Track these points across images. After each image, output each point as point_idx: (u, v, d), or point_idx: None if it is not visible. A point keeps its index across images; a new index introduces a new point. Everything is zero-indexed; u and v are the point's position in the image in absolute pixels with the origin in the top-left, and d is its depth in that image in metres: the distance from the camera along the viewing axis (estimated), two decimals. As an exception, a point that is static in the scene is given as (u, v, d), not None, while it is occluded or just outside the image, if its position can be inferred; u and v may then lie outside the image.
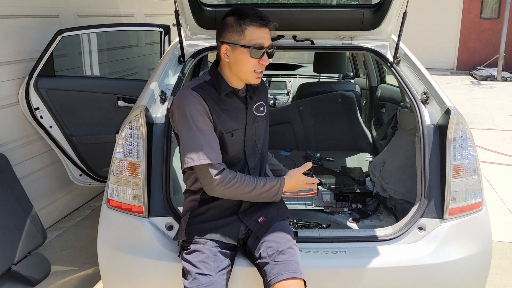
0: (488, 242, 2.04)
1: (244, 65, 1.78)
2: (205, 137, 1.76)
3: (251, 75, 1.81)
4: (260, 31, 1.76)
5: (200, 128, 1.76)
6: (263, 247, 1.83)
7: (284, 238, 1.85)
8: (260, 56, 1.77)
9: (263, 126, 2.01)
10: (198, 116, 1.77)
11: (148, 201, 2.02)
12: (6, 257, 2.76)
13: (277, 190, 1.87)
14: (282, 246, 1.81)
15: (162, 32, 3.52)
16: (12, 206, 2.91)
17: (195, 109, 1.76)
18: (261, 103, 1.99)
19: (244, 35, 1.75)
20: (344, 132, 3.59)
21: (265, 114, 2.01)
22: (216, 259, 1.79)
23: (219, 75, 1.87)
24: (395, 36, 2.60)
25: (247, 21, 1.75)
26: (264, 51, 1.77)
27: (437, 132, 2.09)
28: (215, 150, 1.79)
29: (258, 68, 1.79)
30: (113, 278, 2.11)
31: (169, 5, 5.00)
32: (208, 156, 1.75)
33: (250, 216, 1.91)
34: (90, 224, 3.78)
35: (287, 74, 5.41)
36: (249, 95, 1.93)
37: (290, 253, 1.79)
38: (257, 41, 1.75)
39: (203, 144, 1.75)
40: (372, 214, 2.61)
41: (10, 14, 3.24)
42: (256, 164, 1.98)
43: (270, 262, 1.77)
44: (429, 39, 13.57)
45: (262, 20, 1.75)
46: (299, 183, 1.92)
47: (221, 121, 1.83)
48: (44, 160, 3.64)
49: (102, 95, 3.41)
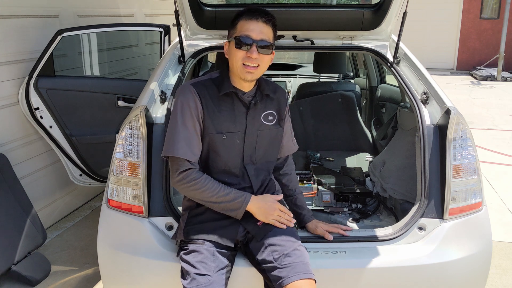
0: (488, 242, 2.04)
1: (233, 57, 1.81)
2: (185, 133, 1.80)
3: (241, 69, 1.80)
4: (249, 23, 1.78)
5: (185, 123, 1.80)
6: (268, 251, 1.81)
7: (289, 240, 1.83)
8: (248, 48, 1.77)
9: (268, 137, 1.95)
10: (187, 112, 1.80)
11: (148, 201, 2.02)
12: (6, 257, 2.76)
13: (240, 204, 1.81)
14: (287, 249, 1.79)
15: (162, 32, 3.52)
16: (12, 206, 2.91)
17: (187, 104, 1.81)
18: (271, 112, 1.94)
19: (235, 28, 1.81)
20: (344, 132, 3.58)
21: (274, 124, 1.96)
22: (215, 259, 1.78)
23: (226, 75, 1.89)
24: (395, 36, 2.60)
25: (239, 15, 1.81)
26: (252, 44, 1.76)
27: (437, 132, 2.09)
28: (191, 148, 1.80)
29: (246, 61, 1.78)
30: (113, 278, 2.11)
31: (169, 5, 5.00)
32: (180, 151, 1.78)
33: (249, 219, 1.89)
34: (90, 224, 3.78)
35: (287, 74, 5.40)
36: (254, 101, 1.89)
37: (297, 255, 1.78)
38: (243, 32, 1.78)
39: (180, 139, 1.79)
40: (372, 214, 2.60)
41: (10, 14, 3.24)
42: (255, 173, 1.94)
43: (277, 266, 1.76)
44: (429, 39, 13.57)
45: (252, 13, 1.78)
46: (267, 204, 1.84)
47: (215, 121, 1.83)
48: (44, 160, 3.64)
49: (102, 95, 3.41)
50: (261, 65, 1.81)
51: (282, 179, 2.14)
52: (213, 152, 1.87)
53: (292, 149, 2.15)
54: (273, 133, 1.97)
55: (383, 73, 4.41)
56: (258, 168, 1.95)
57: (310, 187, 2.70)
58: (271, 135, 1.96)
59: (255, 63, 1.78)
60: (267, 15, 1.81)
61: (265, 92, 1.92)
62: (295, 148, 2.17)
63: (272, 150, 2.01)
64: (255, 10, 1.81)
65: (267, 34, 1.81)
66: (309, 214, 2.14)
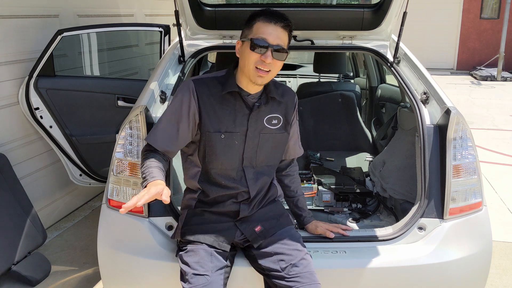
0: (488, 242, 2.04)
1: (246, 59, 1.75)
2: (168, 124, 1.82)
3: (253, 72, 1.75)
4: (267, 26, 1.73)
5: (172, 115, 1.82)
6: (274, 259, 1.81)
7: (296, 249, 1.83)
8: (263, 52, 1.72)
9: (272, 140, 1.90)
10: (179, 107, 1.81)
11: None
12: (6, 257, 2.76)
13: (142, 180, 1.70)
14: (294, 259, 1.79)
15: (162, 32, 3.52)
16: (12, 206, 2.91)
17: (182, 100, 1.81)
18: (276, 116, 1.90)
19: (252, 29, 1.76)
20: (344, 132, 3.58)
21: (279, 129, 1.91)
22: (213, 259, 1.78)
23: (231, 74, 1.86)
24: (395, 36, 2.60)
25: (257, 16, 1.76)
26: (268, 48, 1.71)
27: (437, 132, 2.09)
28: (167, 140, 1.81)
29: (260, 65, 1.73)
30: (113, 278, 2.11)
31: (169, 5, 4.99)
32: (154, 139, 1.81)
33: (247, 224, 1.88)
34: (90, 224, 3.78)
35: (287, 74, 5.40)
36: (259, 104, 1.85)
37: (303, 265, 1.78)
38: (260, 35, 1.72)
39: (161, 128, 1.82)
40: (372, 214, 2.60)
41: (10, 14, 3.24)
42: (254, 177, 1.89)
43: (285, 276, 1.76)
44: (429, 39, 13.57)
45: (271, 16, 1.74)
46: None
47: (213, 119, 1.81)
48: (44, 160, 3.64)
49: (102, 95, 3.41)
50: (272, 70, 1.76)
51: (285, 180, 2.12)
52: (210, 150, 1.84)
53: (298, 153, 2.12)
54: (276, 138, 1.92)
55: (383, 73, 4.41)
56: (258, 172, 1.91)
57: (310, 187, 2.70)
58: (274, 139, 1.92)
59: (267, 67, 1.74)
60: (286, 20, 1.75)
61: (271, 95, 1.88)
62: (301, 152, 2.13)
63: (275, 154, 1.97)
64: (274, 13, 1.74)
65: (283, 39, 1.75)
66: (309, 215, 2.14)
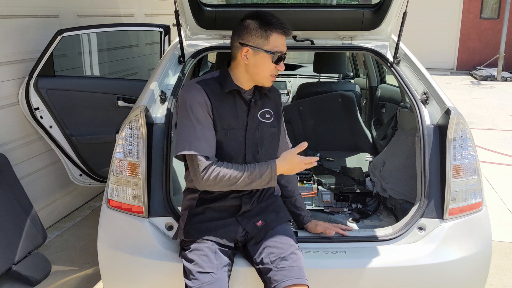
0: (488, 242, 2.04)
1: (264, 69, 1.84)
2: (201, 129, 1.79)
3: (267, 79, 1.87)
4: (283, 39, 1.84)
5: (198, 120, 1.79)
6: (265, 253, 1.82)
7: (287, 243, 1.84)
8: (279, 62, 1.84)
9: (268, 134, 1.97)
10: (198, 109, 1.80)
11: (148, 201, 2.02)
12: (6, 257, 2.76)
13: (269, 176, 1.80)
14: (284, 252, 1.81)
15: (162, 32, 3.52)
16: (12, 206, 2.91)
17: (196, 101, 1.80)
18: (267, 110, 1.98)
19: (268, 40, 1.81)
20: (344, 132, 3.58)
21: (272, 122, 1.98)
22: (217, 256, 1.80)
23: (228, 74, 1.90)
24: (395, 36, 2.60)
25: (272, 28, 1.81)
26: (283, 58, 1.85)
27: (437, 132, 2.09)
28: (210, 144, 1.80)
29: (274, 73, 1.86)
30: (113, 278, 2.11)
31: (169, 5, 4.99)
32: (199, 148, 1.77)
33: (248, 219, 1.91)
34: (90, 224, 3.78)
35: (287, 74, 5.40)
36: (254, 99, 1.93)
37: (293, 259, 1.79)
38: (279, 48, 1.83)
39: (197, 135, 1.78)
40: (372, 214, 2.60)
41: (10, 14, 3.24)
42: None
43: (273, 268, 1.77)
44: (429, 39, 13.57)
45: (286, 29, 1.83)
46: (295, 165, 1.83)
47: (221, 117, 1.85)
48: (44, 160, 3.64)
49: (102, 95, 3.41)
50: None
51: (281, 180, 2.14)
52: (219, 148, 1.87)
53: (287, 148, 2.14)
54: (271, 131, 1.99)
55: (383, 73, 4.41)
56: None
57: (310, 187, 2.70)
58: (270, 132, 1.99)
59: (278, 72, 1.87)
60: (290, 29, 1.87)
61: (263, 91, 1.96)
62: (290, 147, 2.17)
63: (273, 147, 2.02)
64: (286, 25, 1.83)
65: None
66: (308, 215, 2.16)
